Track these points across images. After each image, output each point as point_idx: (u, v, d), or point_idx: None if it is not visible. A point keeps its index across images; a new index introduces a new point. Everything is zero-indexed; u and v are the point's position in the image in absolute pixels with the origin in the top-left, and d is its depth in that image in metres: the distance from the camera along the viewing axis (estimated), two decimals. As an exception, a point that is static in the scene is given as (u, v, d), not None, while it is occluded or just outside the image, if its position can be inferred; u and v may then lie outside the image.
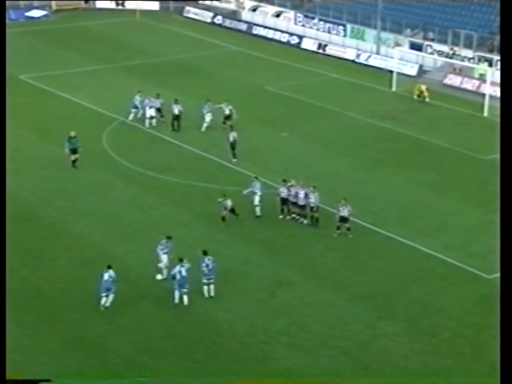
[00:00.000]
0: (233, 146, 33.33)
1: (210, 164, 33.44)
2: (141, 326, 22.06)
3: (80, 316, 22.47)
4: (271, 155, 35.06)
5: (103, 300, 22.80)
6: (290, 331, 21.99)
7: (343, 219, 27.24)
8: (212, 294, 23.39)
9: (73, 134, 32.29)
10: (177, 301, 22.88)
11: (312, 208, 27.98)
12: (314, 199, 27.91)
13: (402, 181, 32.35)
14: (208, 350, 21.05)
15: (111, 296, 22.77)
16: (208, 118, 36.82)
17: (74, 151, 32.19)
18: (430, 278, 24.83)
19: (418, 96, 42.60)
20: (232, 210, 27.74)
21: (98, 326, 22.00)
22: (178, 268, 22.79)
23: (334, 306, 23.26)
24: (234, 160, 33.22)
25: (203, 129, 36.87)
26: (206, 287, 23.37)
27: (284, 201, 28.39)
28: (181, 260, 22.98)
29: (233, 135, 33.43)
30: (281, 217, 28.40)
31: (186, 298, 22.90)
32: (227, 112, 36.97)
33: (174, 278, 22.81)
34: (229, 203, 27.62)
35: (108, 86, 44.59)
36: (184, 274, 22.77)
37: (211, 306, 23.12)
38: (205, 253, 23.43)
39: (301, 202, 27.98)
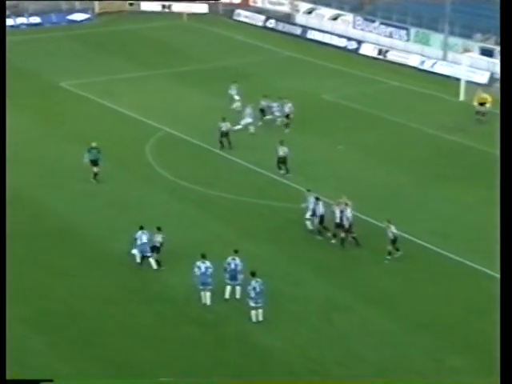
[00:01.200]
0: (283, 160, 33.45)
1: (260, 178, 33.64)
2: (184, 350, 22.23)
3: (118, 339, 22.74)
4: (326, 169, 35.06)
5: (203, 294, 23.76)
6: (345, 361, 21.91)
7: (393, 242, 27.09)
8: (260, 318, 23.49)
9: (94, 144, 32.91)
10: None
11: (342, 226, 27.79)
12: (345, 217, 27.76)
13: (471, 199, 31.97)
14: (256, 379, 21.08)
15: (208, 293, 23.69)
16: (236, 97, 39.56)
17: (94, 163, 32.73)
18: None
19: (481, 104, 41.91)
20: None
21: (137, 350, 22.24)
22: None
23: (393, 335, 23.07)
24: (289, 175, 33.39)
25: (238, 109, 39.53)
26: (253, 311, 23.49)
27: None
28: (253, 274, 23.37)
29: (283, 150, 33.58)
30: (333, 241, 28.35)
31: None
32: (286, 110, 38.62)
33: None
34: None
35: (153, 94, 45.30)
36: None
37: (259, 331, 23.18)
38: (253, 274, 23.60)
39: (337, 220, 27.90)
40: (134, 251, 26.45)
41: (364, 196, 31.81)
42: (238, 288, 24.55)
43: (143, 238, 26.36)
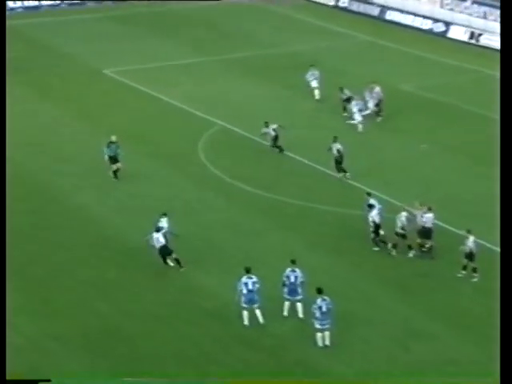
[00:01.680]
0: (338, 160, 33.62)
1: (328, 180, 33.69)
2: (240, 377, 22.40)
3: (163, 362, 23.11)
4: (405, 172, 34.92)
5: (245, 314, 24.13)
6: (426, 396, 21.85)
7: (468, 256, 26.89)
8: (327, 342, 23.54)
9: (113, 138, 33.44)
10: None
11: (403, 235, 28.03)
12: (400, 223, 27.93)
13: None
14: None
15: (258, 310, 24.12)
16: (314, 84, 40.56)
17: (114, 160, 33.27)
18: None
19: None
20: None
21: (185, 373, 22.53)
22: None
23: (482, 366, 22.85)
24: (347, 174, 33.57)
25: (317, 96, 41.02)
26: (319, 334, 23.57)
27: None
28: (319, 291, 23.54)
29: (336, 147, 33.72)
30: (411, 255, 28.36)
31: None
32: (371, 105, 39.37)
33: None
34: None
35: (207, 83, 45.79)
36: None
37: (326, 357, 23.25)
38: (319, 291, 23.68)
39: (398, 230, 28.14)
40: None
41: (449, 202, 31.62)
42: (299, 305, 24.68)
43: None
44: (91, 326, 24.54)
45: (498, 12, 53.23)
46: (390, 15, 58.16)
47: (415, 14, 57.04)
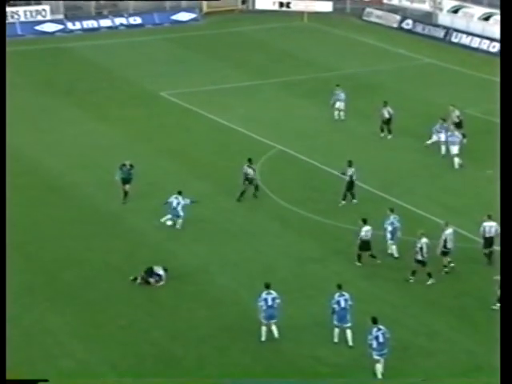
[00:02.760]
0: (350, 185, 33.83)
1: (386, 206, 33.53)
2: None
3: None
4: (469, 198, 34.69)
5: (264, 329, 24.75)
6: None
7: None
8: (382, 370, 23.51)
9: (127, 162, 34.14)
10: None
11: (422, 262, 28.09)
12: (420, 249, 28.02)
13: None
14: None
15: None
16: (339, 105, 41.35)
17: (126, 181, 34.03)
18: None
19: None
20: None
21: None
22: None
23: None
24: (355, 201, 33.78)
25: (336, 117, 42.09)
26: (378, 365, 23.51)
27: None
28: (374, 321, 23.61)
29: (351, 171, 33.88)
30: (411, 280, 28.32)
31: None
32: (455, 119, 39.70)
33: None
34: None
35: (265, 106, 46.17)
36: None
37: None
38: (374, 321, 23.68)
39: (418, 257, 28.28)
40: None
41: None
42: (348, 332, 24.75)
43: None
44: (144, 351, 24.82)
45: None
46: (456, 37, 58.04)
47: (482, 37, 56.79)
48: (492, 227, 29.29)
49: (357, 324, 24.67)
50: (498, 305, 26.54)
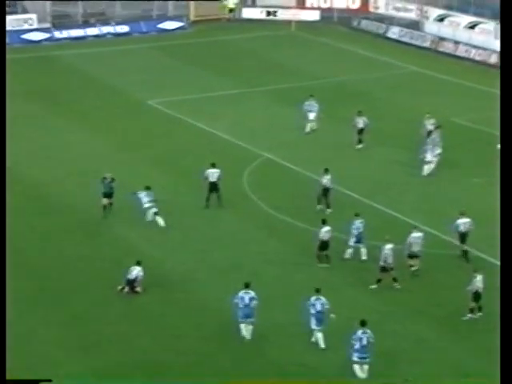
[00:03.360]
0: (325, 192, 34.11)
1: (374, 214, 33.92)
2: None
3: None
4: (454, 206, 34.95)
5: (243, 327, 25.20)
6: None
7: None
8: (365, 375, 23.75)
9: (108, 175, 33.97)
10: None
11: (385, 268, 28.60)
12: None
13: None
14: None
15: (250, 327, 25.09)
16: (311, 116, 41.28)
17: (107, 195, 33.76)
18: None
19: None
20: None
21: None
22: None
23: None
24: (329, 210, 33.90)
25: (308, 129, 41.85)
26: (357, 366, 23.83)
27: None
28: (362, 324, 23.94)
29: (326, 178, 34.14)
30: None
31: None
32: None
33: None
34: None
35: (253, 115, 46.42)
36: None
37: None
38: (362, 323, 24.02)
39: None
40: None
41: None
42: (321, 335, 25.23)
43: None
44: (132, 360, 24.96)
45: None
46: (443, 46, 58.46)
47: (469, 45, 57.21)
48: (466, 223, 30.14)
49: (341, 329, 24.86)
50: (469, 315, 26.83)
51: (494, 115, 45.19)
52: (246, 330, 25.58)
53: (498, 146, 36.55)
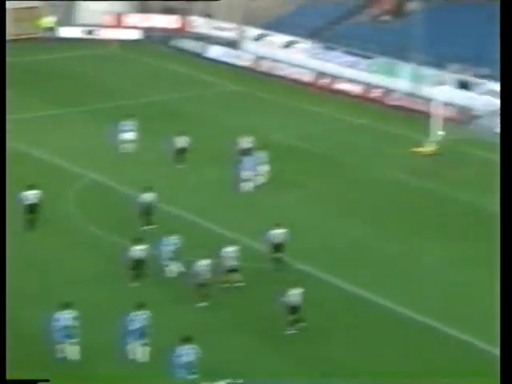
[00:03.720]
0: (145, 211, 34.48)
1: (194, 230, 34.10)
2: None
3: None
4: (275, 220, 35.74)
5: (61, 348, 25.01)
6: None
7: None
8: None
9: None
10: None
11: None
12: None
13: (443, 256, 32.86)
14: None
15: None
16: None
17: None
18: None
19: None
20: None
21: None
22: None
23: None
24: (149, 227, 33.96)
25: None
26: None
27: None
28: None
29: (148, 196, 34.59)
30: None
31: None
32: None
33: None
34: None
35: (73, 135, 45.81)
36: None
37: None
38: (185, 340, 24.13)
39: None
40: None
41: (318, 250, 32.72)
42: (142, 349, 25.46)
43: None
44: None
45: (366, 61, 55.33)
46: (261, 64, 59.59)
47: (285, 63, 58.60)
48: (280, 234, 31.00)
49: (164, 344, 24.87)
50: (290, 328, 27.36)
51: (312, 132, 46.71)
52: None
53: (293, 196, 37.68)
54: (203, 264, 28.72)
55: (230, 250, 29.84)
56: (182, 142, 40.85)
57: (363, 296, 29.59)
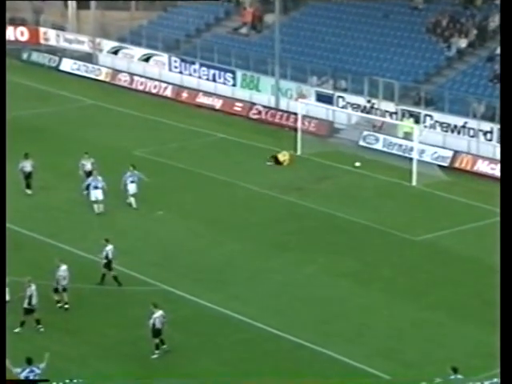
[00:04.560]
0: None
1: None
2: None
3: None
4: (143, 240, 35.23)
5: None
6: None
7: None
8: None
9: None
10: None
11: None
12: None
13: (312, 270, 33.15)
14: None
15: None
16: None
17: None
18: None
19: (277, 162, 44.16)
20: None
21: None
22: None
23: None
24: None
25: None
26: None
27: None
28: None
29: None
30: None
31: None
32: (89, 166, 39.09)
33: None
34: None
35: None
36: None
37: None
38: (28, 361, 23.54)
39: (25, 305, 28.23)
40: None
41: (189, 270, 32.40)
42: None
43: None
44: None
45: (227, 75, 55.47)
46: (118, 78, 58.81)
47: (144, 77, 58.06)
48: (110, 250, 30.92)
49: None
50: (157, 352, 27.00)
51: (171, 146, 46.34)
52: None
53: (159, 213, 37.34)
54: (31, 289, 27.87)
55: (62, 269, 29.29)
56: (27, 166, 39.18)
57: (229, 315, 29.50)
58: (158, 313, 26.83)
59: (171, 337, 27.41)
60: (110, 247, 31.06)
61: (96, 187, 37.38)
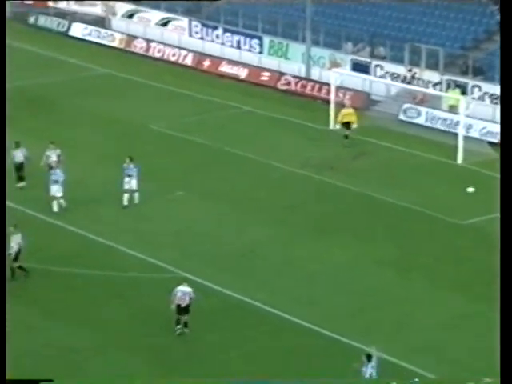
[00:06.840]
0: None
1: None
2: None
3: None
4: (163, 223, 35.41)
5: None
6: None
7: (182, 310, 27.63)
8: None
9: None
10: None
11: None
12: None
13: (347, 257, 33.15)
14: None
15: None
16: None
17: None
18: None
19: (345, 125, 43.97)
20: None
21: None
22: None
23: None
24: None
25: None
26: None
27: None
28: None
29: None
30: None
31: None
32: (54, 158, 37.36)
33: None
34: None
35: None
36: None
37: None
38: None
39: None
40: None
41: (212, 257, 32.50)
42: None
43: None
44: None
45: (253, 41, 55.43)
46: (133, 45, 58.87)
47: (162, 43, 58.09)
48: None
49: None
50: (178, 327, 27.36)
51: (192, 121, 46.39)
52: None
53: (179, 193, 37.32)
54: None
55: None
56: (19, 156, 37.75)
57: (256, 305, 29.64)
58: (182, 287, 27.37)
59: (194, 328, 27.69)
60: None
61: (56, 181, 35.56)
